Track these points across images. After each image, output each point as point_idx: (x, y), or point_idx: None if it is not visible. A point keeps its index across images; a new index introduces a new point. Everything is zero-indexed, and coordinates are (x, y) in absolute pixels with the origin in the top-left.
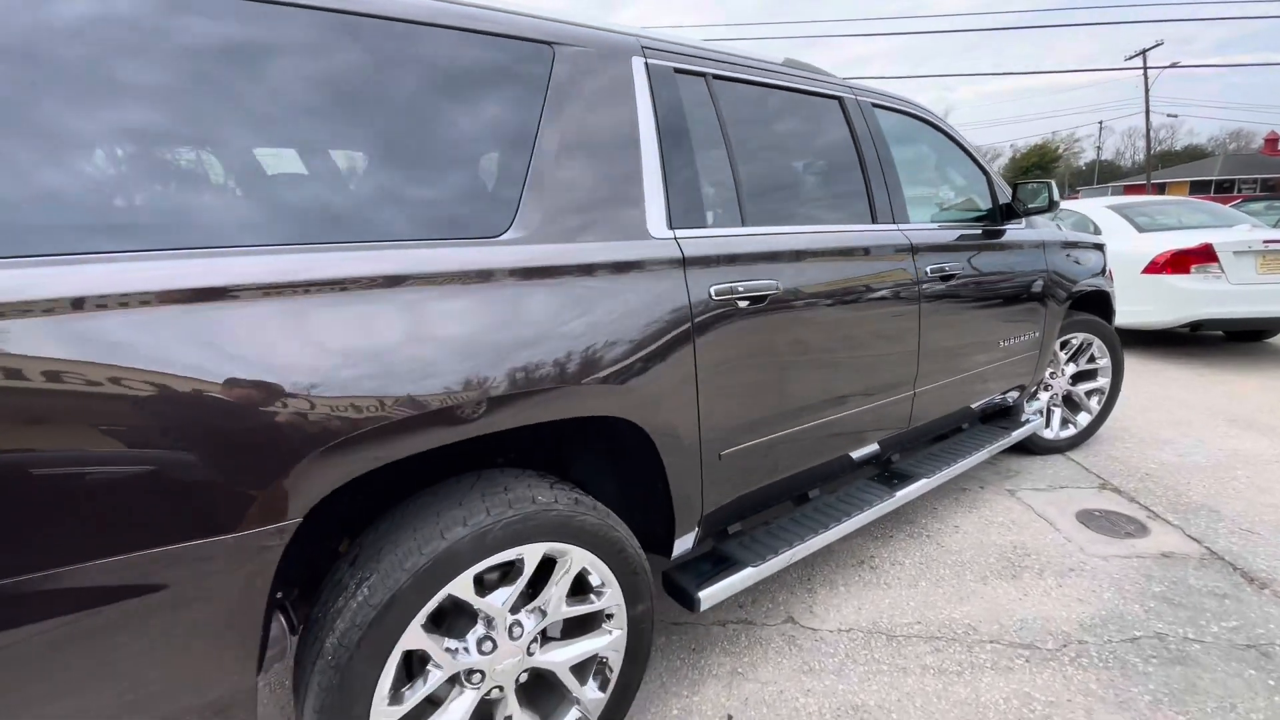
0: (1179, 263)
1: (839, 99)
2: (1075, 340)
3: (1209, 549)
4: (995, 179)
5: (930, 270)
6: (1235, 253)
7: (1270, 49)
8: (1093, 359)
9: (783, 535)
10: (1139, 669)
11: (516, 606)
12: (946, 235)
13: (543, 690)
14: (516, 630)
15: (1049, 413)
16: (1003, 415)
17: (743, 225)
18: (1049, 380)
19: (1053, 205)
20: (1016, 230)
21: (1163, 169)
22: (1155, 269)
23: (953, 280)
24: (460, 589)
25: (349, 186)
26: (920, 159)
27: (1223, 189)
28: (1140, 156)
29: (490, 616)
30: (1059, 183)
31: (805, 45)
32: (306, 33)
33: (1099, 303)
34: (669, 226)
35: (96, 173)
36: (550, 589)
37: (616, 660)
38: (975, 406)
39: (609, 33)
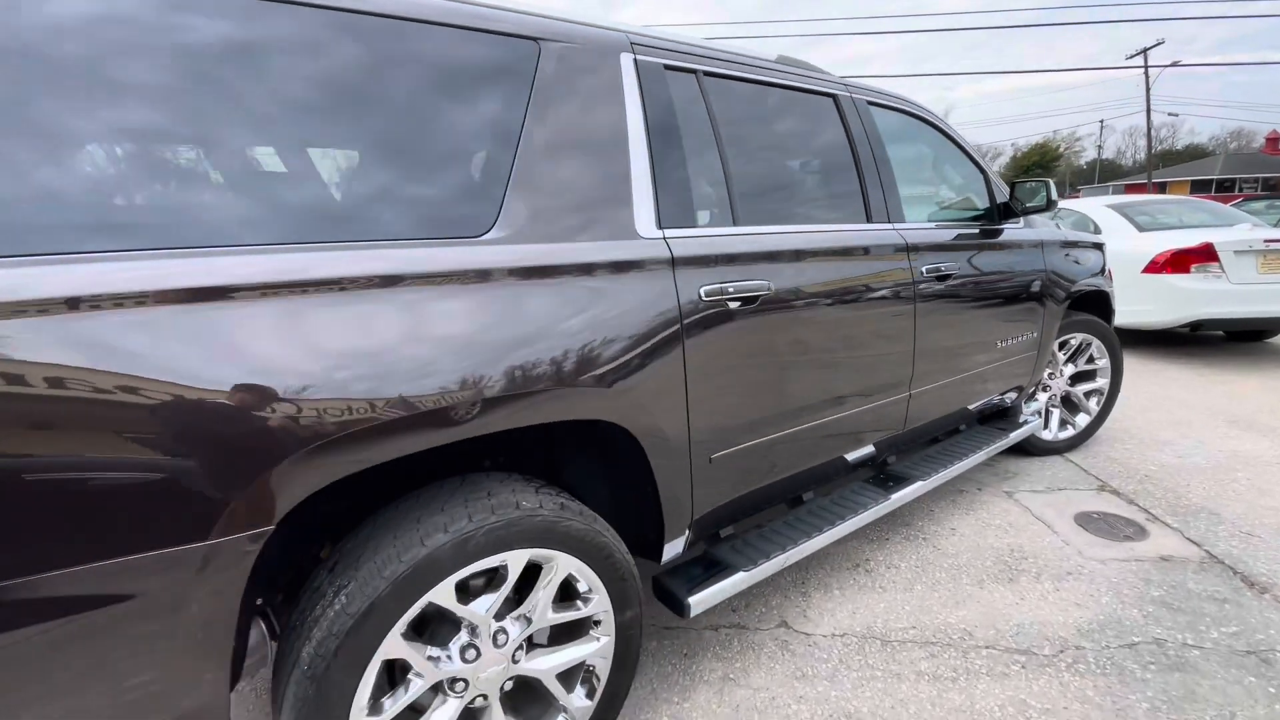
0: (1179, 262)
1: (834, 96)
2: (1074, 340)
3: (1209, 552)
4: (993, 178)
5: (926, 270)
6: (1236, 252)
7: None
8: (1092, 359)
9: (775, 539)
10: (1137, 676)
11: (501, 613)
12: (943, 235)
13: (529, 698)
14: (501, 638)
15: (1047, 414)
16: (1000, 416)
17: (734, 225)
18: (1047, 381)
19: (1050, 204)
20: (1014, 230)
21: (1164, 168)
22: (1155, 268)
23: (949, 280)
24: (441, 597)
25: (328, 185)
26: (917, 157)
27: (1224, 188)
28: (1141, 155)
29: (474, 624)
30: (1060, 182)
31: (806, 44)
32: (283, 28)
33: (1098, 303)
34: (658, 226)
35: (50, 173)
36: (536, 595)
37: (604, 667)
38: (973, 408)
39: (597, 29)
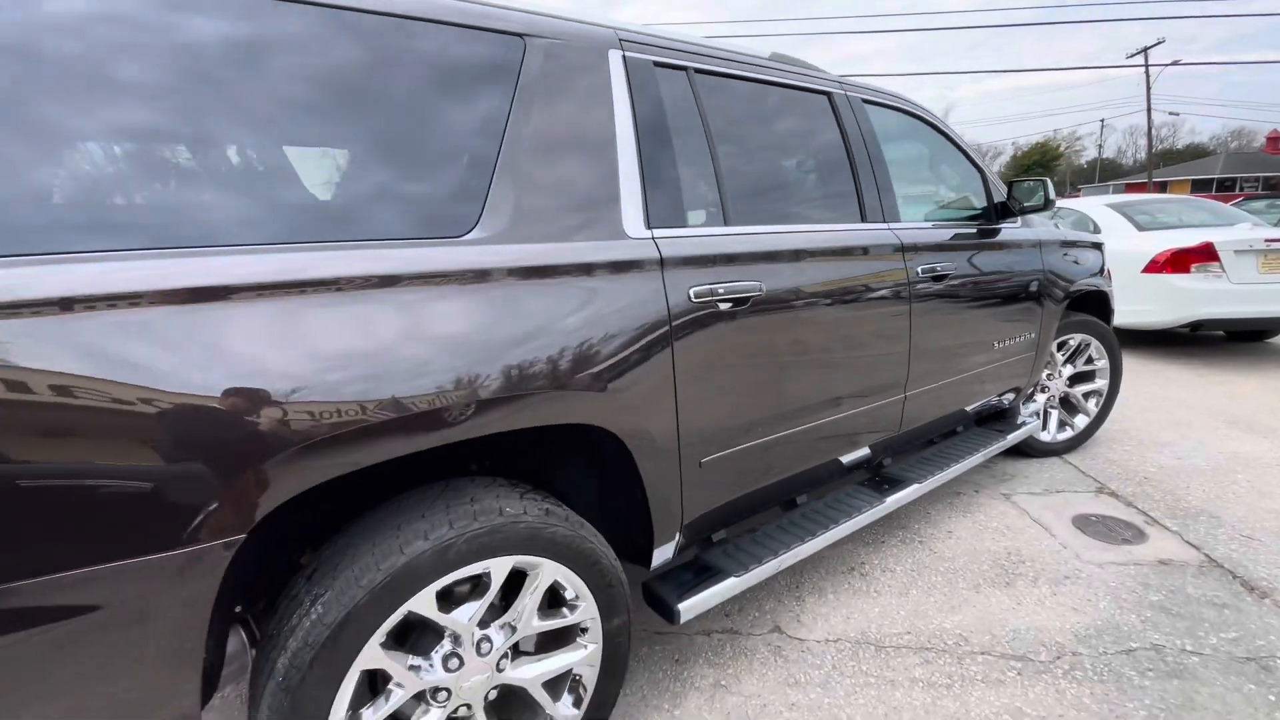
0: (1179, 262)
1: (828, 94)
2: (1073, 341)
3: (1208, 556)
4: (990, 177)
5: (922, 270)
6: (1236, 252)
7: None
8: (1090, 360)
9: (768, 543)
10: (1135, 683)
11: (485, 621)
12: (939, 234)
13: (514, 707)
14: (485, 646)
15: (1046, 415)
16: (998, 418)
17: (725, 225)
18: (1046, 382)
19: (1048, 204)
20: (1012, 229)
21: (1164, 167)
22: (1155, 268)
23: (945, 281)
24: (422, 605)
25: (307, 183)
26: (913, 156)
27: (1224, 187)
28: (1142, 155)
29: (456, 633)
30: (1061, 181)
31: (806, 42)
32: (254, 23)
33: (1097, 303)
34: (646, 226)
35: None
36: (521, 603)
37: (591, 676)
38: (970, 409)
39: (584, 24)
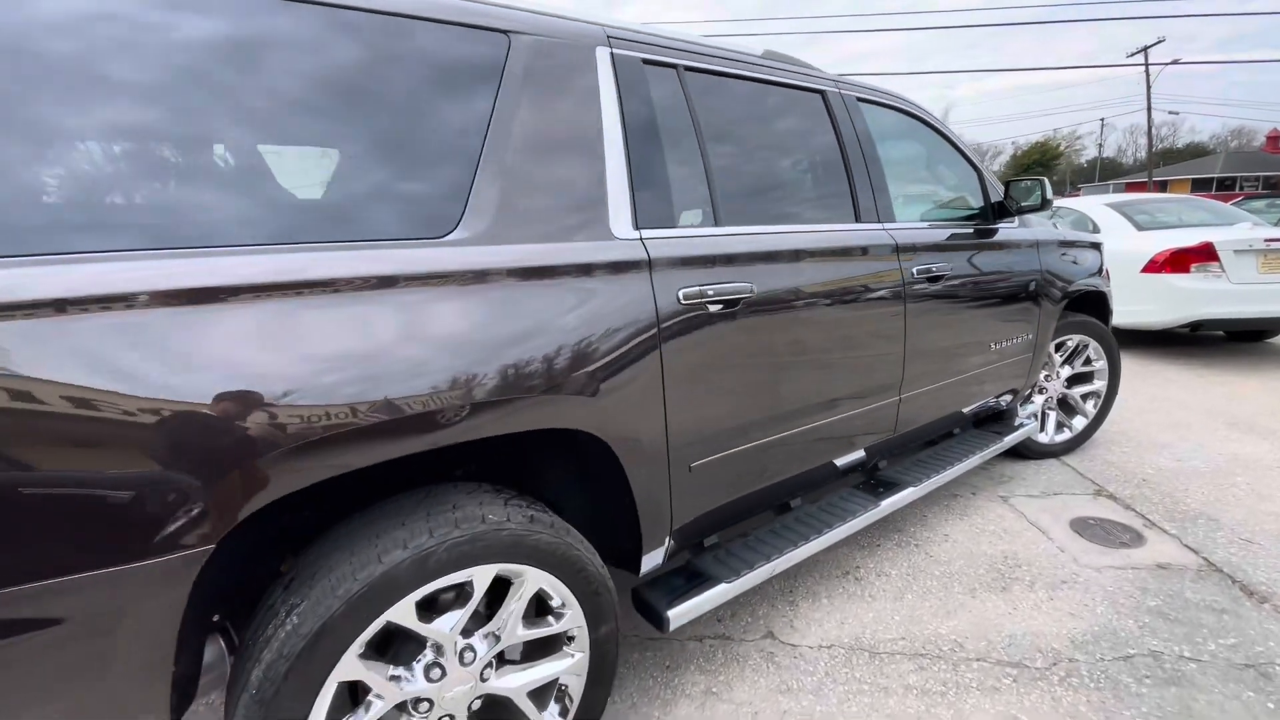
0: (1179, 262)
1: (822, 93)
2: (1071, 342)
3: (1207, 560)
4: (987, 176)
5: (917, 271)
6: (1236, 251)
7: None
8: (1089, 361)
9: (760, 548)
10: (1132, 690)
11: (469, 630)
12: (935, 235)
13: (499, 717)
14: (468, 656)
15: (1043, 416)
16: (996, 419)
17: (716, 225)
18: (1044, 383)
19: (1045, 204)
20: (1009, 229)
21: (1164, 166)
22: (1154, 268)
23: (941, 281)
24: (401, 616)
25: (282, 183)
26: (909, 156)
27: (1224, 186)
28: (1142, 154)
29: (439, 643)
30: (1061, 180)
31: (805, 41)
32: (229, 19)
33: (1096, 303)
34: (634, 227)
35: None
36: (505, 612)
37: (578, 685)
38: (966, 411)
39: (571, 21)
